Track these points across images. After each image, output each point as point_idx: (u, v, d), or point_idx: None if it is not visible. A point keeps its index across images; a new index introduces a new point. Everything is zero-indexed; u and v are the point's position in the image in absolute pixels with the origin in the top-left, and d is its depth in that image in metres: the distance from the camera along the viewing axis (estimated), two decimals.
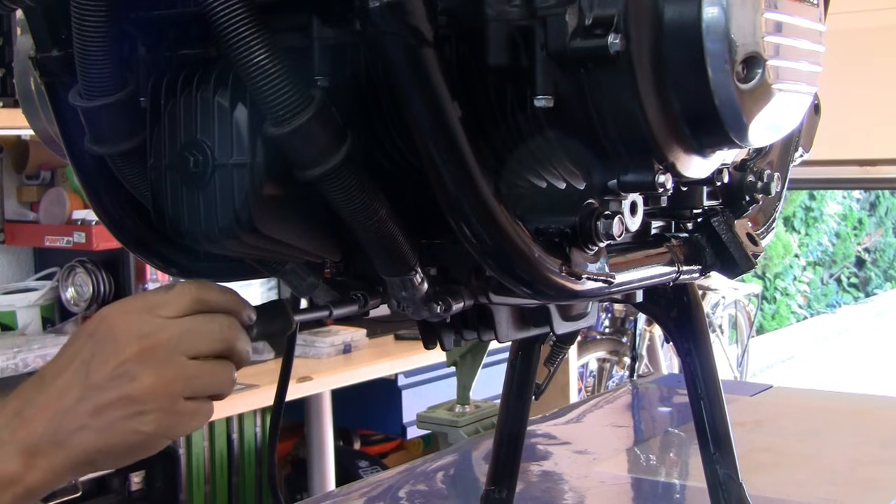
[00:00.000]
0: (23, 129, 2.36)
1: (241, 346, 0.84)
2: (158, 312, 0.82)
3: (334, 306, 0.94)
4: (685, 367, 1.14)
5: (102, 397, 0.80)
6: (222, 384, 0.84)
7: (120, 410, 0.80)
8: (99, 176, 0.95)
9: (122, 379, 0.80)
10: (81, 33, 0.82)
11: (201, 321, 0.83)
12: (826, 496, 1.70)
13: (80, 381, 0.81)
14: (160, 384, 0.80)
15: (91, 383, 0.81)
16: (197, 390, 0.82)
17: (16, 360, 2.56)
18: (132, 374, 0.80)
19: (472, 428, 2.19)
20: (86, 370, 0.81)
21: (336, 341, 3.01)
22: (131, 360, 0.81)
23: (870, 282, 10.23)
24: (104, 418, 0.80)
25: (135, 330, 0.81)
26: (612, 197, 0.86)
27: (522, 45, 0.79)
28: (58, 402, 0.81)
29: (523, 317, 1.05)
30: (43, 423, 0.80)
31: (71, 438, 0.80)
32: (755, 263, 1.05)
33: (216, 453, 3.05)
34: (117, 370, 0.80)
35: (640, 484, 1.84)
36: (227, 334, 0.83)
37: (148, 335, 0.81)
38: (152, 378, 0.80)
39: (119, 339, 0.81)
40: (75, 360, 0.82)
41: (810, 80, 0.89)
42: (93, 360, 0.81)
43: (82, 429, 0.80)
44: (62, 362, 0.83)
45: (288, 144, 0.79)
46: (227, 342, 0.83)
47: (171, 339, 0.81)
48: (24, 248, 3.09)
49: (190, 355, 0.82)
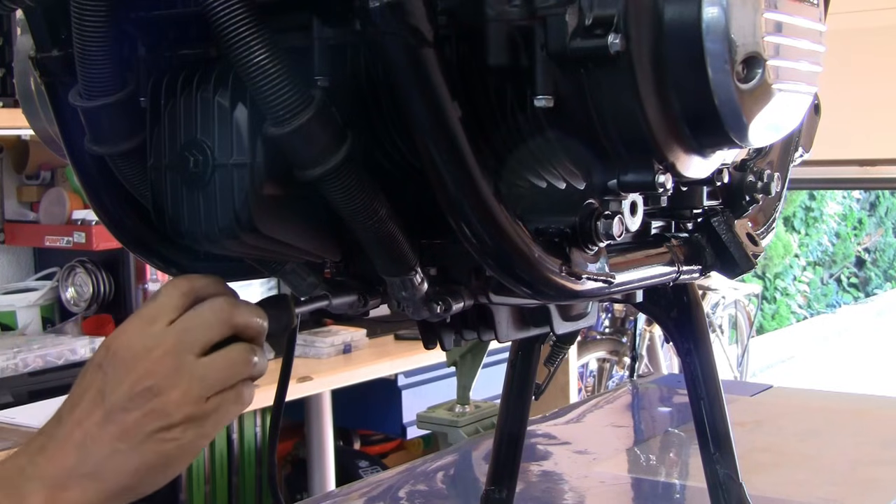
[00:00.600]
0: (23, 129, 2.36)
1: (241, 320, 0.83)
2: (156, 323, 0.82)
3: (333, 296, 0.94)
4: (685, 367, 1.14)
5: (127, 418, 0.80)
6: (240, 368, 0.82)
7: (148, 426, 0.79)
8: (99, 176, 0.95)
9: (142, 396, 0.80)
10: (81, 33, 0.82)
11: (192, 315, 0.82)
12: (826, 496, 1.70)
13: (100, 407, 0.80)
14: (179, 392, 0.80)
15: (111, 407, 0.80)
16: (216, 385, 0.81)
17: (16, 360, 2.56)
18: (150, 388, 0.80)
19: (472, 428, 2.20)
20: (102, 397, 0.80)
21: (336, 341, 3.01)
22: (145, 376, 0.80)
23: (870, 282, 10.23)
24: (134, 438, 0.79)
25: (139, 346, 0.81)
26: (612, 197, 0.85)
27: (522, 45, 0.79)
28: (80, 433, 0.80)
29: (523, 317, 1.05)
30: (71, 456, 0.79)
31: (103, 466, 0.79)
32: (755, 263, 1.05)
33: (216, 453, 3.05)
34: (134, 389, 0.80)
35: (640, 484, 1.84)
36: (221, 315, 0.82)
37: (153, 347, 0.81)
38: (170, 387, 0.80)
39: (127, 360, 0.81)
40: (89, 390, 0.81)
41: (810, 80, 0.89)
42: (106, 386, 0.81)
43: (114, 454, 0.79)
44: (76, 396, 0.82)
45: (288, 144, 0.79)
46: (224, 323, 0.82)
47: (175, 344, 0.81)
48: (24, 248, 3.09)
49: (197, 352, 0.81)
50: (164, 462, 0.81)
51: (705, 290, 4.90)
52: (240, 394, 0.83)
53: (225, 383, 0.82)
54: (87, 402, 0.81)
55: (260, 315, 0.85)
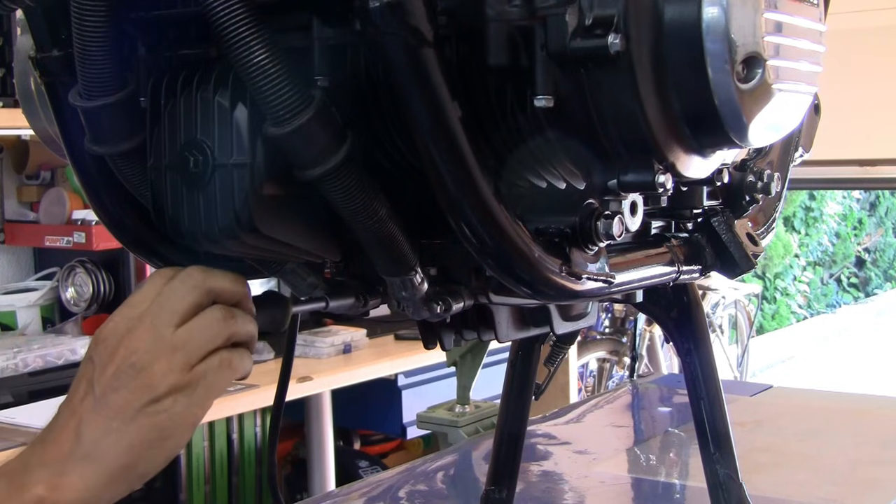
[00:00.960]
0: (23, 129, 2.36)
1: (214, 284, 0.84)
2: (138, 308, 0.83)
3: (331, 298, 0.94)
4: (685, 367, 1.14)
5: (117, 398, 0.81)
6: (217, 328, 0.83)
7: (137, 402, 0.81)
8: (99, 176, 0.95)
9: (127, 374, 0.81)
10: (81, 33, 0.82)
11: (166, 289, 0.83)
12: (826, 496, 1.70)
13: (91, 394, 0.82)
14: (162, 363, 0.81)
15: (101, 391, 0.81)
16: (196, 351, 0.82)
17: (16, 360, 2.56)
18: (134, 364, 0.81)
19: (472, 428, 2.20)
20: (92, 384, 0.82)
21: (336, 341, 3.01)
22: (127, 355, 0.81)
23: (870, 282, 10.24)
24: (125, 415, 0.80)
25: (122, 330, 0.83)
26: (612, 197, 0.86)
27: (522, 45, 0.79)
28: (75, 420, 0.81)
29: (523, 317, 1.05)
30: (67, 443, 0.81)
31: (98, 447, 0.80)
32: (755, 263, 1.05)
33: (216, 453, 3.05)
34: (120, 368, 0.81)
35: (640, 484, 1.84)
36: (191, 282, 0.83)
37: (133, 328, 0.82)
38: (152, 360, 0.81)
39: (111, 344, 0.82)
40: (82, 380, 0.83)
41: (810, 80, 0.89)
42: (95, 372, 0.82)
43: (108, 433, 0.80)
44: (72, 388, 0.84)
45: (288, 144, 0.79)
46: (195, 288, 0.83)
47: (152, 319, 0.82)
48: (24, 248, 3.09)
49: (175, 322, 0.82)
50: (158, 435, 0.81)
51: (705, 290, 4.90)
52: (226, 360, 0.83)
53: (205, 347, 0.82)
54: (80, 392, 0.83)
55: (237, 279, 0.86)
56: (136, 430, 0.81)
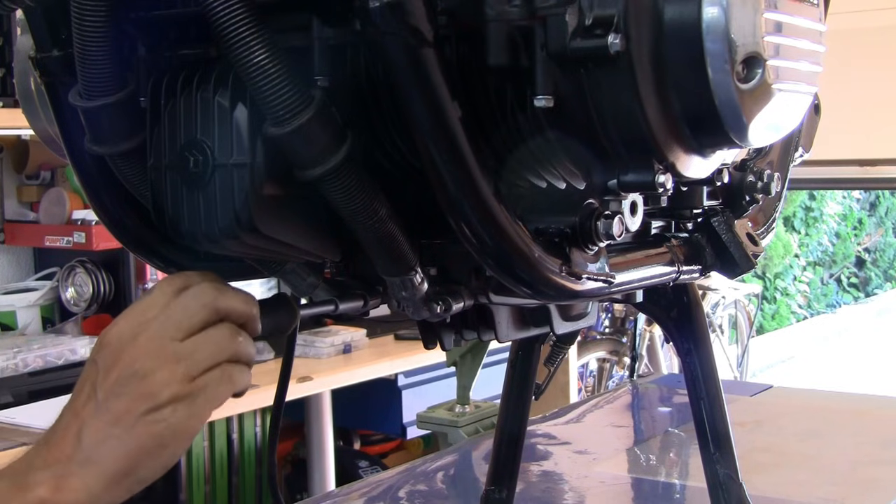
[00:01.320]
0: (23, 129, 2.37)
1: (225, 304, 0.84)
2: (145, 315, 0.83)
3: (339, 300, 0.94)
4: (685, 367, 1.14)
5: (118, 404, 0.81)
6: (222, 345, 0.83)
7: (137, 409, 0.81)
8: (99, 176, 0.95)
9: (129, 381, 0.81)
10: (81, 33, 0.82)
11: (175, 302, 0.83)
12: (826, 496, 1.70)
13: (93, 398, 0.82)
14: (164, 373, 0.81)
15: (103, 396, 0.82)
16: (199, 364, 0.82)
17: (16, 360, 2.56)
18: (136, 372, 0.81)
19: (472, 428, 2.20)
20: (94, 388, 0.82)
21: (336, 341, 3.01)
22: (131, 362, 0.81)
23: (870, 282, 10.23)
24: (125, 422, 0.81)
25: (127, 336, 0.82)
26: (612, 197, 0.86)
27: (522, 45, 0.79)
28: (77, 423, 0.82)
29: (523, 317, 1.05)
30: (69, 446, 0.81)
31: (98, 452, 0.81)
32: (755, 263, 1.05)
33: (216, 453, 3.05)
34: (122, 374, 0.81)
35: (640, 484, 1.84)
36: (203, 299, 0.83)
37: (138, 335, 0.82)
38: (154, 369, 0.81)
39: (115, 349, 0.82)
40: (85, 383, 0.83)
41: (810, 80, 0.89)
42: (98, 376, 0.82)
43: (108, 439, 0.81)
44: (75, 391, 0.84)
45: (288, 144, 0.79)
46: (206, 306, 0.83)
47: (158, 329, 0.82)
48: (24, 248, 3.09)
49: (181, 336, 0.82)
50: (157, 443, 0.82)
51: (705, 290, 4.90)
52: (227, 374, 0.83)
53: (209, 362, 0.82)
54: (83, 395, 0.83)
55: (248, 301, 0.86)
56: (135, 437, 0.81)
